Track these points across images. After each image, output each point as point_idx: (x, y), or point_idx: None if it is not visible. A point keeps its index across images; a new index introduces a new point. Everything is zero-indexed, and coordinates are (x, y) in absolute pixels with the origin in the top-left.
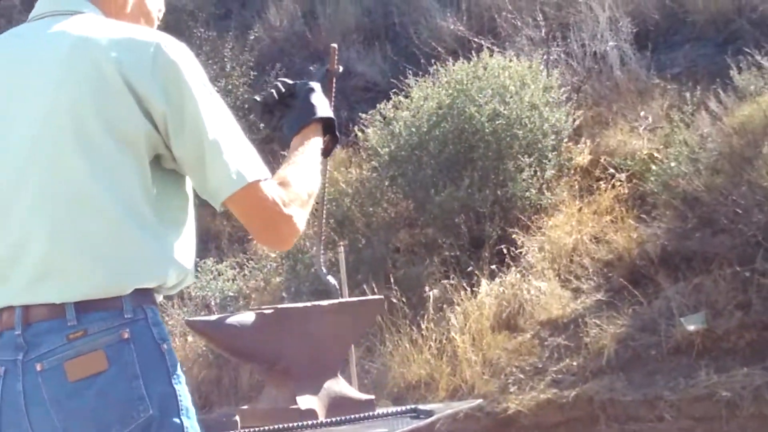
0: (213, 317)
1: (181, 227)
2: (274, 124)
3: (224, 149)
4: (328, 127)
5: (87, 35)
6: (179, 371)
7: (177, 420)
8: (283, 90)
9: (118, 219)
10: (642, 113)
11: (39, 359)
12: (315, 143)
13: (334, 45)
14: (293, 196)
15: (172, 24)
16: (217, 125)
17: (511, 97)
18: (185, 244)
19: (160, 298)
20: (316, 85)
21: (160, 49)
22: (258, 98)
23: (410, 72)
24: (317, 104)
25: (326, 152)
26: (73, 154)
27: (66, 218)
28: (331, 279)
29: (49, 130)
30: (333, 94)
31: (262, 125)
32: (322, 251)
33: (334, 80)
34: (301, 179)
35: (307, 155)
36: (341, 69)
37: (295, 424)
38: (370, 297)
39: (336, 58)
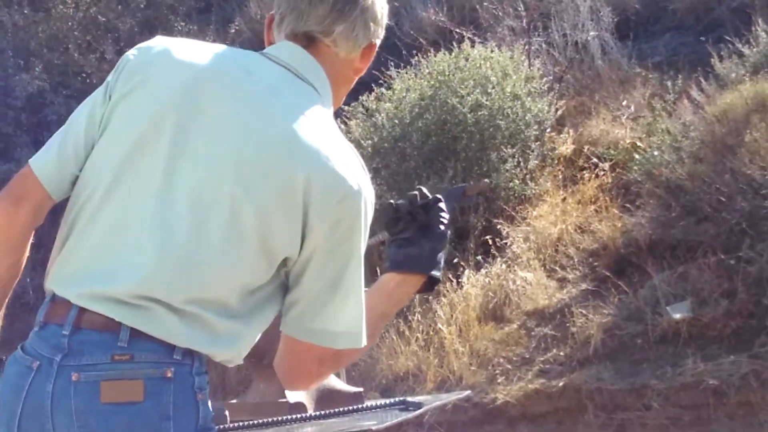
0: None
1: (260, 323)
2: (395, 233)
3: (350, 309)
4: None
5: (302, 133)
6: (209, 424)
7: None
8: (419, 200)
9: (221, 291)
10: (624, 102)
11: (77, 369)
12: (407, 300)
13: (487, 181)
14: (338, 367)
15: (152, 17)
16: (355, 282)
17: (493, 87)
18: (252, 339)
19: None
20: (445, 223)
21: (351, 196)
22: (396, 203)
23: (392, 64)
24: (439, 259)
25: (427, 289)
26: (219, 219)
27: (180, 264)
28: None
29: (212, 186)
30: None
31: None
32: None
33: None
34: (361, 348)
35: (388, 314)
36: (475, 198)
37: (285, 417)
38: None
39: (477, 192)
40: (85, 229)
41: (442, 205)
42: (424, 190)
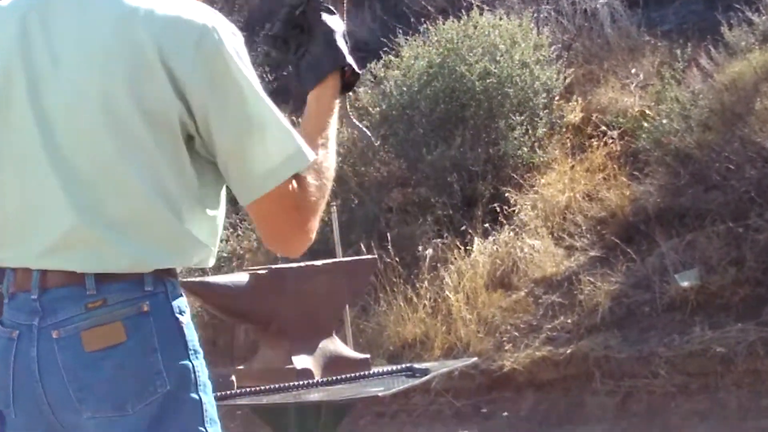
0: (207, 278)
1: (209, 208)
2: (292, 59)
3: (270, 136)
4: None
5: (136, 6)
6: (197, 345)
7: (195, 395)
8: (293, 12)
9: (145, 199)
10: (633, 70)
11: (55, 326)
12: (334, 103)
13: None
14: (317, 201)
15: None
16: (260, 110)
17: (501, 55)
18: (212, 227)
19: (179, 268)
20: (330, 12)
21: (205, 35)
22: (270, 33)
23: (400, 31)
24: (341, 46)
25: (348, 88)
26: (103, 130)
27: (94, 193)
28: (362, 126)
29: (81, 103)
30: (345, 12)
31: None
32: None
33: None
34: (328, 169)
35: (330, 127)
36: None
37: (292, 383)
38: (364, 257)
39: None
40: None
41: (321, 5)
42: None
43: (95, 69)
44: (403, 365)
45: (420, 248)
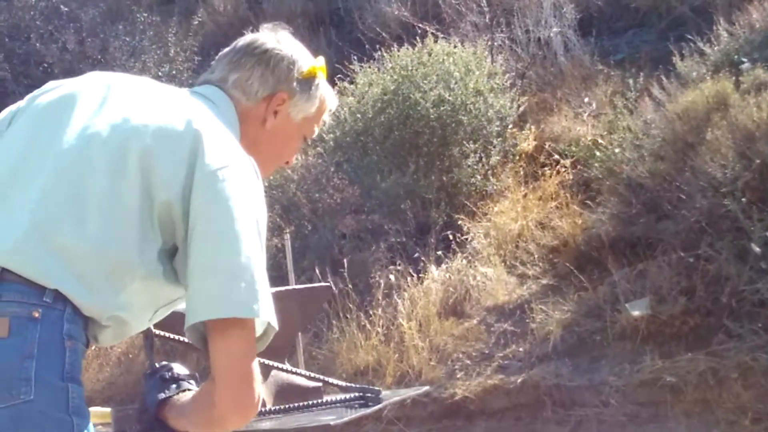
0: None
1: (143, 307)
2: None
3: (241, 275)
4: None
5: (194, 117)
6: (77, 375)
7: (66, 416)
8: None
9: (97, 246)
10: (586, 99)
11: None
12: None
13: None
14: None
15: (115, 8)
16: (246, 251)
17: (455, 83)
18: (130, 319)
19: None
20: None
21: (237, 167)
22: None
23: (355, 58)
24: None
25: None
26: (106, 172)
27: (59, 207)
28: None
29: (103, 145)
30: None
31: None
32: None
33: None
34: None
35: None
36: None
37: None
38: (318, 284)
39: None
40: None
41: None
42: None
43: (136, 131)
44: (358, 394)
45: (373, 275)
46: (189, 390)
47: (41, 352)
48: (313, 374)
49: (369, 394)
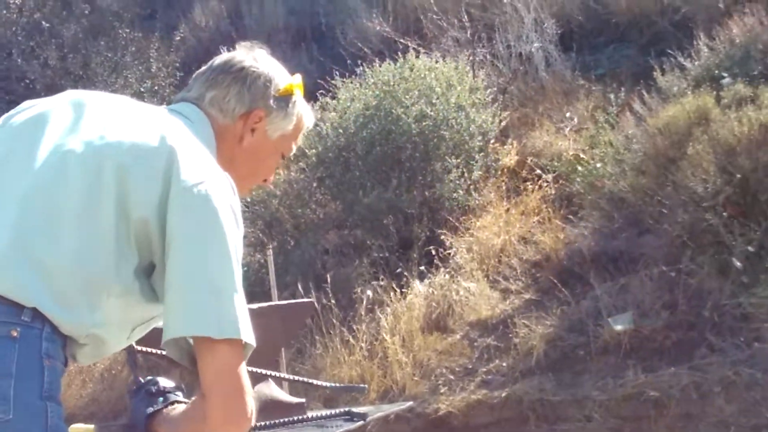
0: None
1: (119, 326)
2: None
3: (219, 296)
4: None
5: (169, 134)
6: (56, 394)
7: None
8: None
9: (73, 261)
10: (567, 114)
11: None
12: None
13: None
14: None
15: (97, 24)
16: (223, 272)
17: (437, 98)
18: (107, 338)
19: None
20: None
21: (212, 183)
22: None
23: (337, 73)
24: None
25: None
26: (81, 186)
27: (37, 223)
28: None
29: (80, 162)
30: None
31: None
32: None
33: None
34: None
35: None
36: None
37: None
38: (301, 300)
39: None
40: None
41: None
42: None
43: (111, 147)
44: (342, 409)
45: (357, 290)
46: (177, 402)
47: (20, 371)
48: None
49: (355, 412)
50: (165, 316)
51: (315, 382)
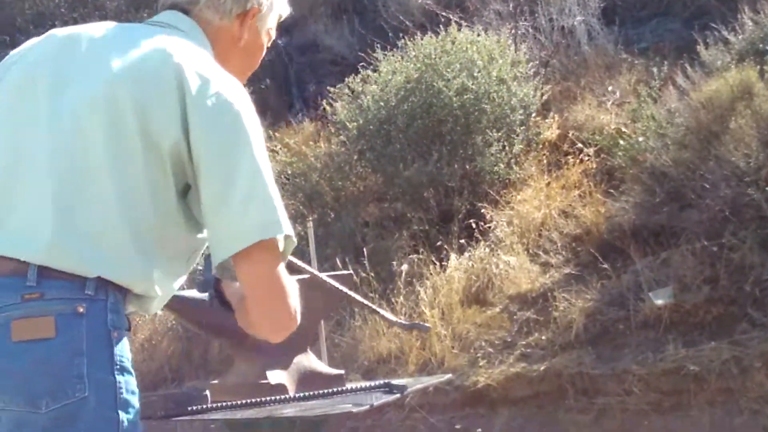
0: (182, 292)
1: (175, 260)
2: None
3: (255, 199)
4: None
5: (177, 48)
6: (126, 364)
7: (113, 413)
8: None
9: (117, 216)
10: (609, 88)
11: None
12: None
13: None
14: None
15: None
16: (254, 175)
17: (479, 71)
18: (168, 270)
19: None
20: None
21: (227, 90)
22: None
23: (378, 46)
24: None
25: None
26: (102, 137)
27: (71, 190)
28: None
29: (91, 107)
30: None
31: None
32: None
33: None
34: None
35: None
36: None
37: (266, 398)
38: (340, 272)
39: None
40: None
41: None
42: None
43: (118, 88)
44: (381, 381)
45: (395, 263)
46: None
47: (90, 347)
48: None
49: (394, 384)
50: (210, 240)
51: (380, 311)
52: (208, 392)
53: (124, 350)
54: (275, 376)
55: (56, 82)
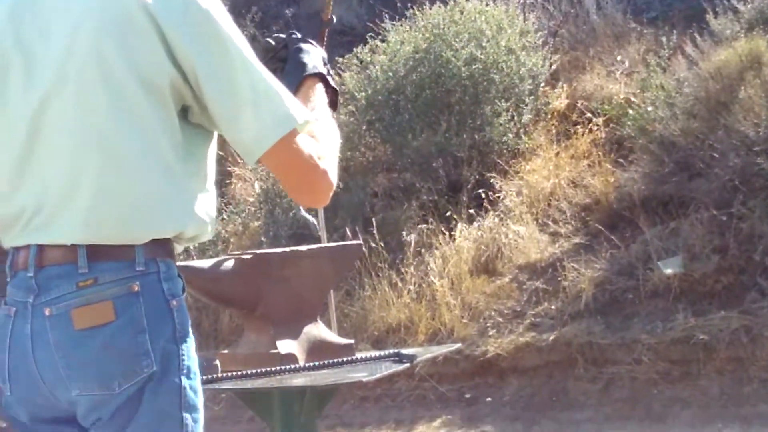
0: (192, 262)
1: (203, 179)
2: (273, 68)
3: (261, 99)
4: (324, 79)
5: None
6: (187, 330)
7: (176, 379)
8: (274, 44)
9: (138, 164)
10: (618, 58)
11: (48, 304)
12: (318, 99)
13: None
14: (324, 150)
15: None
16: (250, 75)
17: (487, 41)
18: (207, 197)
19: (180, 249)
20: (305, 42)
21: (186, 11)
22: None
23: (387, 16)
24: (308, 61)
25: (332, 105)
26: (96, 92)
27: (85, 159)
28: (310, 218)
29: (72, 67)
30: (325, 43)
31: None
32: None
33: (326, 31)
34: (325, 133)
35: (317, 111)
36: (335, 19)
37: (276, 368)
38: (350, 242)
39: (331, 6)
40: None
41: (301, 39)
42: (279, 35)
43: (88, 35)
44: (391, 351)
45: (405, 233)
46: None
47: (151, 322)
48: None
49: (404, 354)
50: (237, 148)
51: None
52: (218, 362)
53: (183, 316)
54: (285, 346)
55: (26, 54)
